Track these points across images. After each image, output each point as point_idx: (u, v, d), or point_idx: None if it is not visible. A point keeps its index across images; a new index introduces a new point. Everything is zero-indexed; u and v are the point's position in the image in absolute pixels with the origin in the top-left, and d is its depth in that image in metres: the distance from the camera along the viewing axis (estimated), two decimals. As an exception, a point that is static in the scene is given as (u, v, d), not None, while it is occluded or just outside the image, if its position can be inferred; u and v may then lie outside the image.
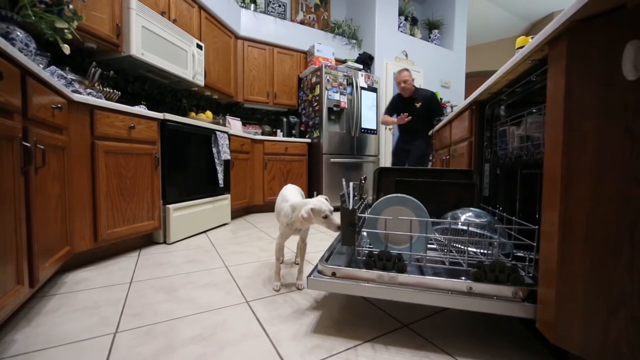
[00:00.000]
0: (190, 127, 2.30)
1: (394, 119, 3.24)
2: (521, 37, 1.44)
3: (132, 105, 2.22)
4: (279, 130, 4.05)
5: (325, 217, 1.17)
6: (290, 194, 1.38)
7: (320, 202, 1.20)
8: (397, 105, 3.32)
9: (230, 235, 2.42)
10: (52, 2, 1.55)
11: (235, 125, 3.47)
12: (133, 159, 1.84)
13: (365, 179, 1.44)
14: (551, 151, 0.77)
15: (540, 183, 0.82)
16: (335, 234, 1.94)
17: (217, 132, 2.60)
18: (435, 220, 1.15)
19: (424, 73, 4.65)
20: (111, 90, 2.01)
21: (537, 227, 0.85)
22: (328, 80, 3.50)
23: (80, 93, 1.64)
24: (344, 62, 4.12)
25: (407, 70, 3.20)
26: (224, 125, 3.41)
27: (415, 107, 3.20)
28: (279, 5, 4.19)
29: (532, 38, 0.91)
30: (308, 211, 1.16)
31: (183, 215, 2.22)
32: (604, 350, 0.69)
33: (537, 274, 0.84)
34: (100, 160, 1.63)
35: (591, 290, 0.70)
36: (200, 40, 2.95)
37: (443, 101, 4.63)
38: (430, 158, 3.22)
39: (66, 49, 1.65)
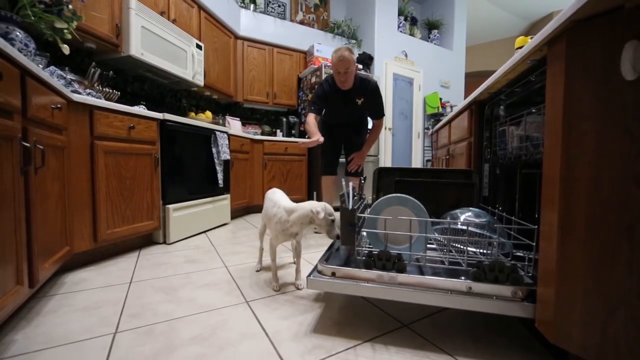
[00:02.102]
0: (189, 127, 2.30)
1: (315, 136, 2.05)
2: (520, 37, 1.44)
3: (132, 105, 2.22)
4: (278, 130, 4.05)
5: (333, 220, 1.19)
6: (281, 198, 1.36)
7: (321, 205, 1.21)
8: (330, 100, 2.29)
9: (230, 235, 2.42)
10: (52, 2, 1.55)
11: (234, 125, 3.47)
12: (133, 159, 1.84)
13: (365, 178, 1.44)
14: (550, 151, 0.77)
15: (540, 183, 0.83)
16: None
17: (217, 132, 2.60)
18: (435, 220, 1.15)
19: (423, 73, 4.66)
20: (111, 91, 2.01)
21: (536, 226, 0.86)
22: (328, 80, 3.49)
23: (79, 93, 1.64)
24: (343, 62, 4.11)
25: (349, 50, 2.13)
26: (224, 125, 3.41)
27: (355, 105, 2.30)
28: (279, 5, 4.19)
29: (531, 38, 0.91)
30: (324, 207, 1.18)
31: (183, 215, 2.22)
32: (603, 349, 0.69)
33: (537, 274, 0.84)
34: (99, 160, 1.63)
35: (590, 290, 0.70)
36: (200, 40, 2.95)
37: (443, 101, 4.63)
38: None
39: (65, 49, 1.65)
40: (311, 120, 2.23)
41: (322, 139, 2.03)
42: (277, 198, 1.37)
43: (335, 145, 2.48)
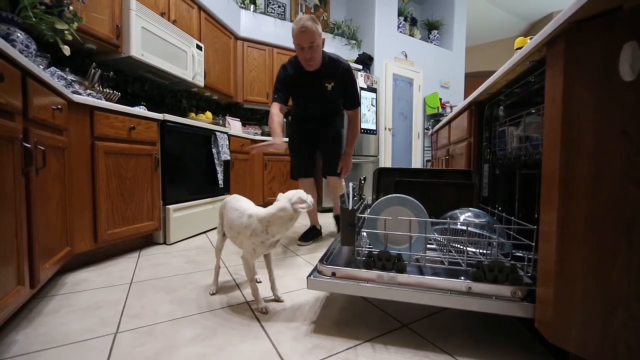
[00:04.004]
0: (190, 128, 2.30)
1: (276, 137, 1.77)
2: (520, 37, 1.44)
3: (132, 106, 2.22)
4: (278, 131, 4.05)
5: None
6: (248, 206, 1.16)
7: (294, 193, 1.08)
8: (294, 84, 1.95)
9: (230, 235, 2.42)
10: (53, 4, 1.55)
11: (235, 126, 3.48)
12: (133, 160, 1.84)
13: (364, 179, 1.44)
14: (549, 151, 0.77)
15: (539, 183, 0.83)
16: (333, 237, 1.90)
17: (217, 133, 2.61)
18: (435, 220, 1.15)
19: (423, 73, 4.66)
20: (111, 91, 2.02)
21: (535, 227, 0.86)
22: (327, 81, 3.48)
23: (80, 94, 1.64)
24: (343, 62, 4.12)
25: (313, 19, 1.71)
26: (224, 125, 3.41)
27: (324, 89, 1.92)
28: (279, 6, 4.20)
29: (530, 39, 0.92)
30: (298, 195, 1.05)
31: (183, 215, 2.22)
32: (602, 349, 0.69)
33: (536, 274, 0.84)
34: (100, 161, 1.63)
35: (589, 290, 0.70)
36: (200, 41, 2.95)
37: (442, 101, 4.64)
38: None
39: (66, 50, 1.65)
40: (275, 111, 1.87)
41: (279, 141, 1.71)
42: (242, 206, 1.16)
43: (308, 143, 2.09)
